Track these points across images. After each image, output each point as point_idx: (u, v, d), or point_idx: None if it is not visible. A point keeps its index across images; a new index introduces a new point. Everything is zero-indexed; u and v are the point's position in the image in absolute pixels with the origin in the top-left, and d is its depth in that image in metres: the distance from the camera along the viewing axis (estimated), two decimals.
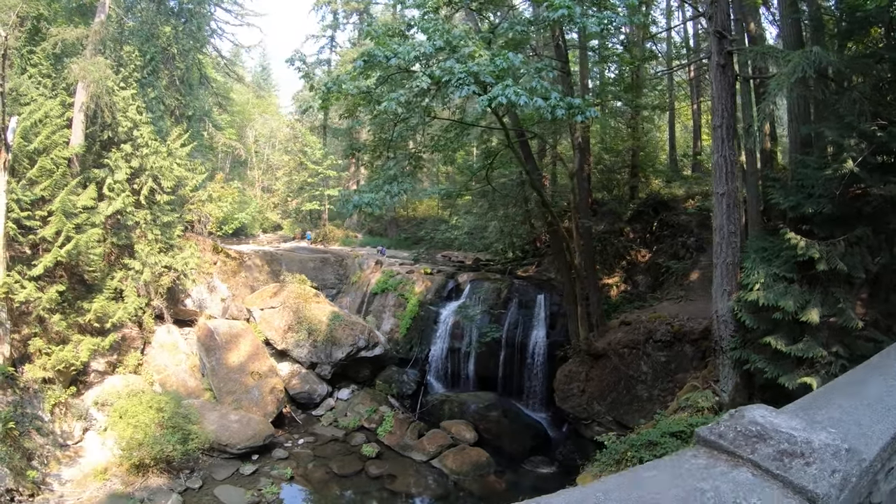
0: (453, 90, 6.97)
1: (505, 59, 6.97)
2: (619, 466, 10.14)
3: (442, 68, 7.17)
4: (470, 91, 6.94)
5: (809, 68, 7.50)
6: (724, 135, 9.59)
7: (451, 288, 19.75)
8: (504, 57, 6.99)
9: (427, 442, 15.30)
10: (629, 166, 17.64)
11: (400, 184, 8.35)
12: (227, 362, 16.33)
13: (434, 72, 7.21)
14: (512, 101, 6.68)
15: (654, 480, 1.48)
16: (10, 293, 13.81)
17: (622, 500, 1.37)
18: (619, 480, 1.63)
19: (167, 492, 13.43)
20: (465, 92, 6.96)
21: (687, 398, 10.48)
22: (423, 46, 7.50)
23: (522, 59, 7.37)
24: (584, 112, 7.36)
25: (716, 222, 10.20)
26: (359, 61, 7.99)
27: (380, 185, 8.41)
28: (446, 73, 7.14)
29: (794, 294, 9.02)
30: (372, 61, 8.04)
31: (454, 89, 6.98)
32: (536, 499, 1.57)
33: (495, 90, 6.68)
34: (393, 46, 7.91)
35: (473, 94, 7.09)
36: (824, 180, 9.16)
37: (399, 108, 7.68)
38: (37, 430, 14.12)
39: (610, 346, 13.59)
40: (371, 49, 8.00)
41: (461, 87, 6.89)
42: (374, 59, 8.05)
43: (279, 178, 31.15)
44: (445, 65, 7.18)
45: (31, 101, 15.00)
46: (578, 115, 7.38)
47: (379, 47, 8.06)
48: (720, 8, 9.24)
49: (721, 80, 9.40)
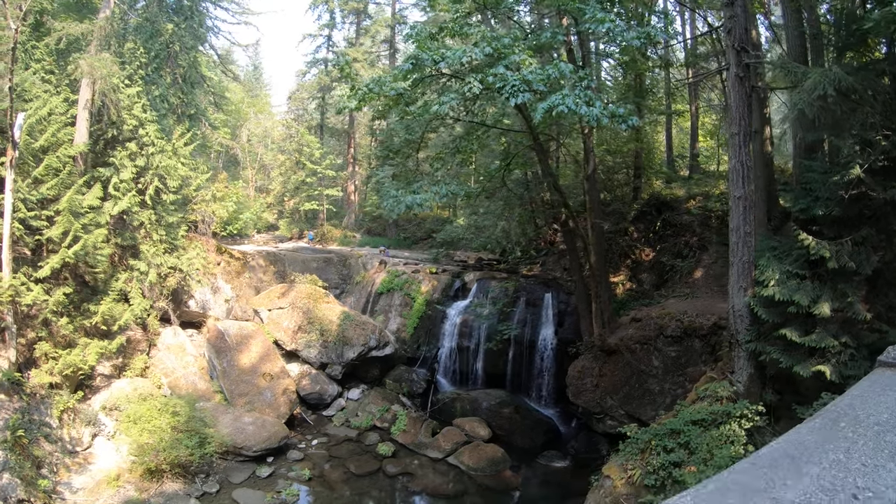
0: (508, 97, 7.25)
1: (556, 69, 7.32)
2: (644, 455, 10.65)
3: (495, 75, 7.45)
4: (526, 98, 7.25)
5: (829, 86, 8.15)
6: (741, 142, 10.22)
7: (457, 287, 20.02)
8: (555, 66, 7.34)
9: (442, 439, 15.51)
10: (632, 167, 18.36)
11: (447, 185, 8.62)
12: (238, 364, 16.17)
13: (487, 78, 7.49)
14: (572, 109, 7.02)
15: None
16: (16, 296, 13.35)
17: None
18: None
19: (184, 497, 13.25)
20: (521, 99, 7.25)
21: (705, 388, 11.07)
22: (473, 52, 7.77)
23: (571, 68, 7.74)
24: (626, 120, 7.79)
25: (732, 223, 10.84)
26: (407, 63, 8.19)
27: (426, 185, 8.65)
28: (499, 80, 7.43)
29: (806, 289, 9.71)
30: (420, 64, 8.27)
31: (509, 96, 7.27)
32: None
33: (554, 99, 7.01)
34: (441, 51, 8.15)
35: (527, 101, 7.42)
36: (831, 185, 9.90)
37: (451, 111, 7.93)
38: (45, 438, 13.71)
39: (622, 342, 14.14)
40: (418, 52, 8.23)
41: (516, 94, 7.19)
42: (421, 63, 8.27)
43: (275, 177, 30.74)
44: (498, 71, 7.47)
45: (34, 98, 14.54)
46: (622, 123, 7.80)
47: (425, 51, 8.29)
48: (738, 23, 9.85)
49: (739, 90, 10.02)
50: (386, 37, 30.99)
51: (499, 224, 17.34)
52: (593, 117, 7.31)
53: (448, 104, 7.66)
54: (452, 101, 7.75)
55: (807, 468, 1.38)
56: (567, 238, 14.69)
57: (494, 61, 8.02)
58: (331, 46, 31.22)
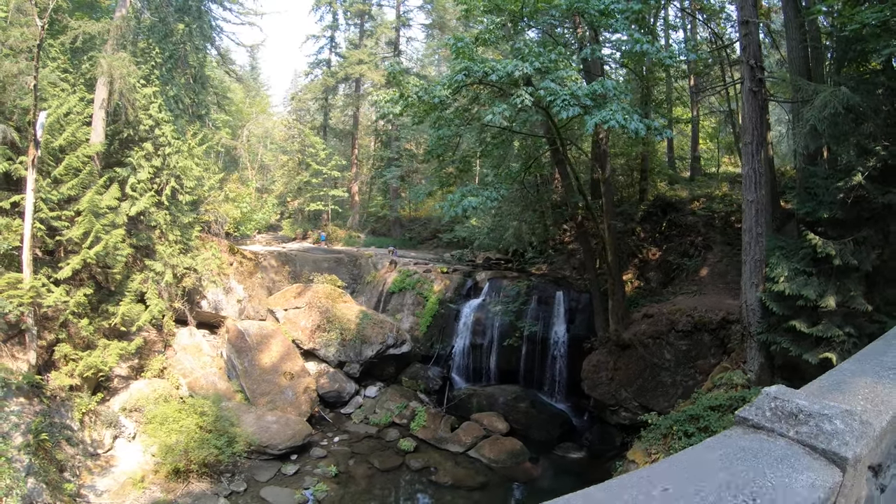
0: (559, 110, 7.80)
1: (601, 85, 7.92)
2: (666, 440, 11.41)
3: (545, 89, 8.00)
4: (575, 112, 7.82)
5: (839, 105, 9.04)
6: (754, 150, 11.07)
7: (469, 286, 20.51)
8: (601, 83, 7.94)
9: (462, 434, 15.98)
10: (639, 170, 19.25)
11: (497, 189, 9.12)
12: (259, 363, 16.28)
13: (538, 92, 8.03)
14: (621, 124, 7.64)
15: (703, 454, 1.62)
16: (37, 297, 13.20)
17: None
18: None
19: (212, 497, 13.33)
20: (572, 112, 7.81)
21: (721, 377, 11.91)
22: (524, 67, 8.30)
23: (613, 84, 8.37)
24: (661, 132, 8.47)
25: (745, 225, 11.70)
26: (459, 74, 8.67)
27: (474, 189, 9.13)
28: (549, 94, 7.98)
29: (813, 285, 10.64)
30: (471, 75, 8.76)
31: (559, 109, 7.82)
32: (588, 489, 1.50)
33: (605, 114, 7.61)
34: (491, 63, 8.67)
35: (579, 114, 7.99)
36: (834, 190, 10.87)
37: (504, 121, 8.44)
38: (66, 441, 13.61)
39: (635, 337, 14.91)
40: (470, 64, 8.71)
41: (567, 108, 7.75)
42: (473, 73, 8.77)
43: (278, 178, 30.60)
44: (548, 86, 8.02)
45: (50, 97, 14.36)
46: (657, 134, 8.48)
47: (475, 63, 8.78)
48: (752, 41, 10.68)
49: (752, 103, 10.86)
50: (390, 39, 31.25)
51: (511, 224, 17.95)
52: (639, 130, 7.94)
53: (500, 114, 8.17)
54: (505, 111, 8.27)
55: None
56: (582, 238, 15.38)
57: (542, 75, 8.58)
58: (334, 48, 31.27)
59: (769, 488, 1.41)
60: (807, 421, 1.71)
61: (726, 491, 1.38)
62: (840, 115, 9.16)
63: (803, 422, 1.71)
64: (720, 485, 1.42)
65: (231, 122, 27.45)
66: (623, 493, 1.40)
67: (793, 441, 1.68)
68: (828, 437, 1.64)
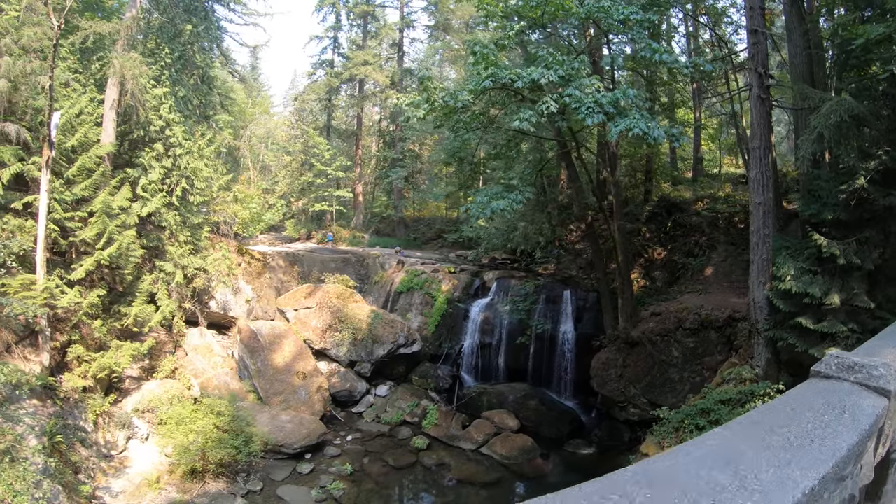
0: (583, 117, 8.09)
1: (623, 94, 8.24)
2: (678, 433, 11.78)
3: (570, 96, 8.29)
4: (599, 119, 8.12)
5: (845, 114, 9.48)
6: (762, 154, 11.48)
7: (477, 286, 20.75)
8: (623, 92, 8.26)
9: (474, 431, 16.22)
10: (644, 171, 19.68)
11: (522, 192, 9.39)
12: (272, 363, 16.36)
13: (563, 99, 8.32)
14: (645, 132, 7.95)
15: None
16: (51, 298, 13.15)
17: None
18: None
19: (229, 496, 13.40)
20: (596, 119, 8.11)
21: (729, 372, 12.32)
22: (550, 75, 8.57)
23: (636, 93, 8.68)
24: (678, 139, 8.82)
25: (753, 226, 12.12)
26: (487, 80, 8.91)
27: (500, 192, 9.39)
28: (574, 101, 8.27)
29: (818, 283, 11.09)
30: (498, 81, 9.01)
31: (584, 116, 8.11)
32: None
33: (629, 122, 7.92)
34: (517, 70, 8.93)
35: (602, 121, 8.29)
36: (837, 192, 11.34)
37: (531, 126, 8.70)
38: (80, 443, 13.58)
39: (644, 335, 15.30)
40: (498, 71, 8.97)
41: (592, 115, 8.04)
42: (499, 79, 9.02)
43: (281, 178, 30.56)
44: (573, 94, 8.31)
45: (62, 97, 14.29)
46: (675, 141, 8.82)
47: (502, 70, 9.04)
48: (761, 49, 11.10)
49: (760, 109, 11.27)
50: (394, 40, 31.37)
51: (520, 225, 18.26)
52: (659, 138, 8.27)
53: (527, 120, 8.44)
54: (531, 117, 8.53)
55: None
56: (591, 238, 15.72)
57: (566, 83, 8.86)
58: (337, 48, 31.29)
59: (851, 406, 2.14)
60: (860, 370, 2.40)
61: (829, 407, 2.12)
62: (845, 123, 9.60)
63: (858, 371, 2.40)
64: (823, 404, 2.15)
65: (233, 122, 27.36)
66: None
67: (853, 383, 2.37)
68: (876, 379, 2.32)
